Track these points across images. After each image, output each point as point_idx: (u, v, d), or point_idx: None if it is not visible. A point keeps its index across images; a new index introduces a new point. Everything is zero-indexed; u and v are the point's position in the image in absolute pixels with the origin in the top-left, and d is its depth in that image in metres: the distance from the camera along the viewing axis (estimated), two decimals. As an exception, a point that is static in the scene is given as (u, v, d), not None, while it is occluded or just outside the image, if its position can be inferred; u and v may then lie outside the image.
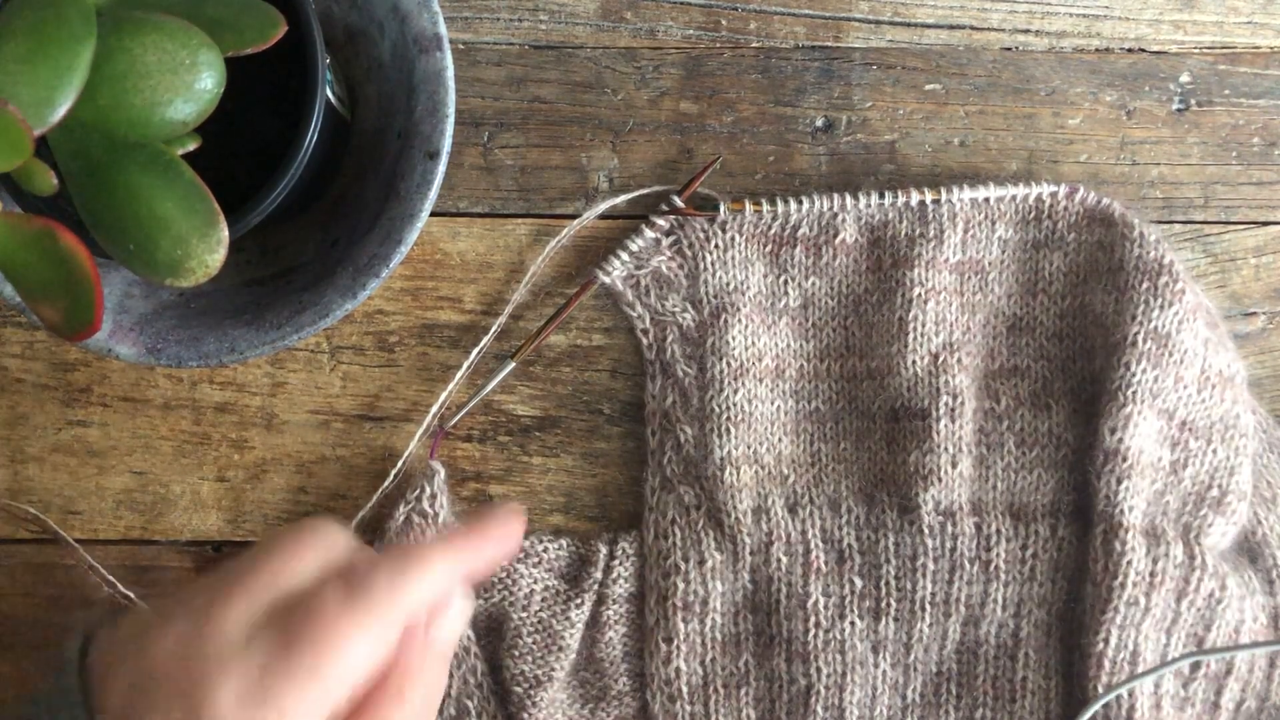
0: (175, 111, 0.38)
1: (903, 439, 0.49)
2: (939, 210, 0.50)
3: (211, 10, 0.39)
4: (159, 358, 0.47)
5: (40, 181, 0.37)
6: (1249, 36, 0.52)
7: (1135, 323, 0.47)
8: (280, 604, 0.36)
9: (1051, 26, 0.52)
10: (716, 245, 0.50)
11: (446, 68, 0.48)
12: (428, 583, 0.37)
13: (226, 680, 0.34)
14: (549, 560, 0.50)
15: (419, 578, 0.37)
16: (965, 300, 0.50)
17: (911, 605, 0.48)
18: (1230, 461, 0.48)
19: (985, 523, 0.48)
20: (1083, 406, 0.49)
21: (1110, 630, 0.46)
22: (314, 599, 0.35)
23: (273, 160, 0.43)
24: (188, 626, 0.35)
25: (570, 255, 0.52)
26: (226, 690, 0.34)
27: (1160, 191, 0.52)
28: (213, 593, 0.36)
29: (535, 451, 0.51)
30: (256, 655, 0.34)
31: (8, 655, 0.51)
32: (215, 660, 0.34)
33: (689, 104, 0.52)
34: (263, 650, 0.34)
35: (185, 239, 0.38)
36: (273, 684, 0.34)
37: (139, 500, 0.51)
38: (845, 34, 0.52)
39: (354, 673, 0.35)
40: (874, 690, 0.48)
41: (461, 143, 0.52)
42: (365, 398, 0.51)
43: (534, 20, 0.52)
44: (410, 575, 0.36)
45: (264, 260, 0.51)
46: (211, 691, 0.33)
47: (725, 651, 0.49)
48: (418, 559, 0.37)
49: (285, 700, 0.34)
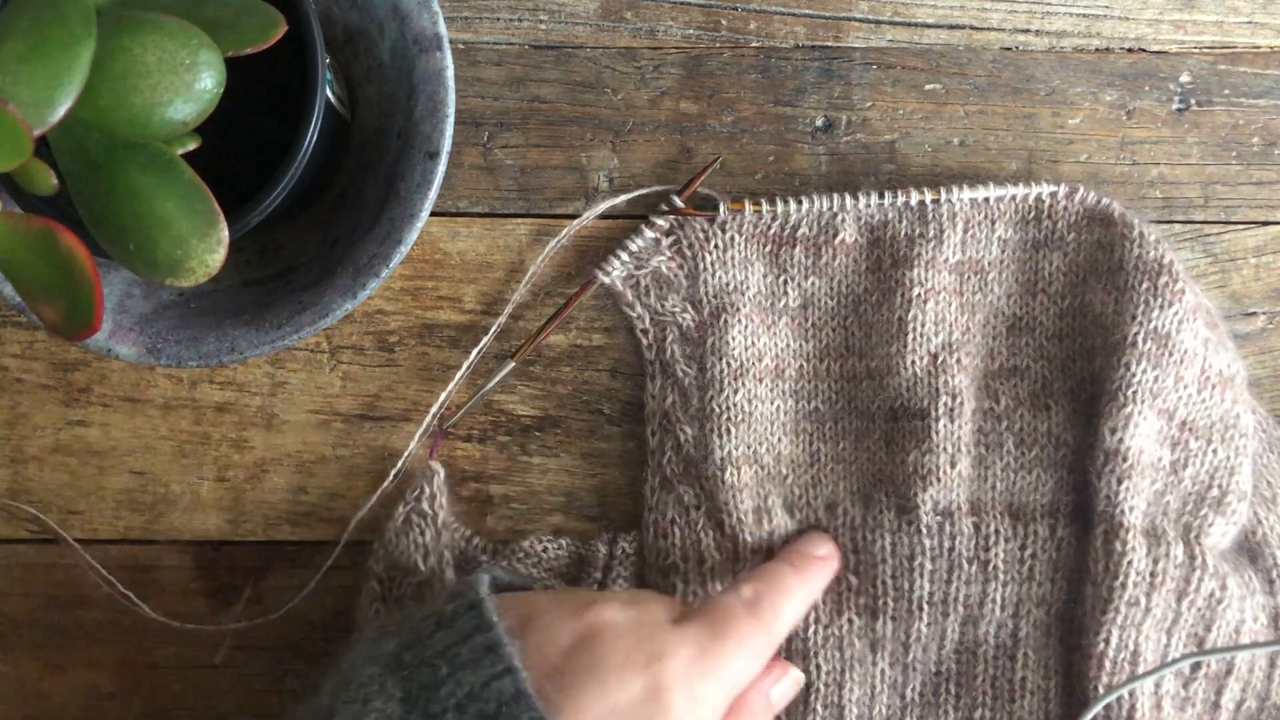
0: (175, 111, 0.38)
1: (902, 439, 0.49)
2: (938, 210, 0.50)
3: (211, 10, 0.39)
4: (159, 358, 0.47)
5: (40, 181, 0.37)
6: (1249, 36, 0.52)
7: (1135, 323, 0.47)
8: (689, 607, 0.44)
9: (1051, 26, 0.52)
10: (716, 245, 0.50)
11: (446, 68, 0.48)
12: (793, 608, 0.45)
13: (679, 649, 0.41)
14: (548, 561, 0.50)
15: (787, 603, 0.45)
16: (965, 300, 0.50)
17: (909, 605, 0.48)
18: (1230, 461, 0.48)
19: (984, 523, 0.48)
20: (1082, 407, 0.49)
21: (1111, 630, 0.46)
22: (724, 605, 0.43)
23: (273, 160, 0.43)
24: (625, 608, 0.42)
25: (570, 255, 0.52)
26: (680, 657, 0.41)
27: (1160, 191, 0.52)
28: (635, 592, 0.46)
29: (535, 451, 0.52)
30: (692, 636, 0.42)
31: (8, 655, 0.51)
32: (670, 633, 0.42)
33: (689, 104, 0.52)
34: (697, 633, 0.42)
35: (185, 239, 0.38)
36: (710, 660, 0.41)
37: (139, 500, 0.51)
38: (845, 34, 0.52)
39: (757, 664, 0.43)
40: (873, 689, 0.48)
41: (461, 143, 0.52)
42: (365, 398, 0.51)
43: (534, 20, 0.52)
44: (782, 598, 0.45)
45: (264, 260, 0.51)
46: (671, 657, 0.41)
47: (725, 651, 0.49)
48: (783, 586, 0.45)
49: (718, 672, 0.41)
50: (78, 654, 0.51)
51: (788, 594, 0.45)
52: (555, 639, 0.41)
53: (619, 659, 0.40)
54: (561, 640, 0.41)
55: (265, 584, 0.51)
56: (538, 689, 0.39)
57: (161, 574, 0.51)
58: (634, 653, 0.41)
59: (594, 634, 0.41)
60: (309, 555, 0.51)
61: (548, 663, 0.40)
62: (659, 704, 0.40)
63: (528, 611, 0.42)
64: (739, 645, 0.42)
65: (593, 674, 0.40)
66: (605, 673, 0.40)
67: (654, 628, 0.42)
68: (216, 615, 0.51)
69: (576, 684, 0.39)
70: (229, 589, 0.51)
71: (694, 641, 0.42)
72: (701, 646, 0.41)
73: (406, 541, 0.48)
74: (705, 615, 0.43)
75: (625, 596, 0.44)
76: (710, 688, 0.41)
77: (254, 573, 0.51)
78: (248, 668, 0.51)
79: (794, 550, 0.48)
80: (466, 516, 0.51)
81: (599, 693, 0.39)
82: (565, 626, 0.41)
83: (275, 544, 0.51)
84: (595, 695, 0.39)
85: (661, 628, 0.42)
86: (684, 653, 0.41)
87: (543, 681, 0.39)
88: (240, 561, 0.51)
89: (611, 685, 0.40)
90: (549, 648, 0.40)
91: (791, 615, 0.45)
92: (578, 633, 0.41)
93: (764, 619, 0.44)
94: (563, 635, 0.41)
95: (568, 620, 0.41)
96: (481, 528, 0.51)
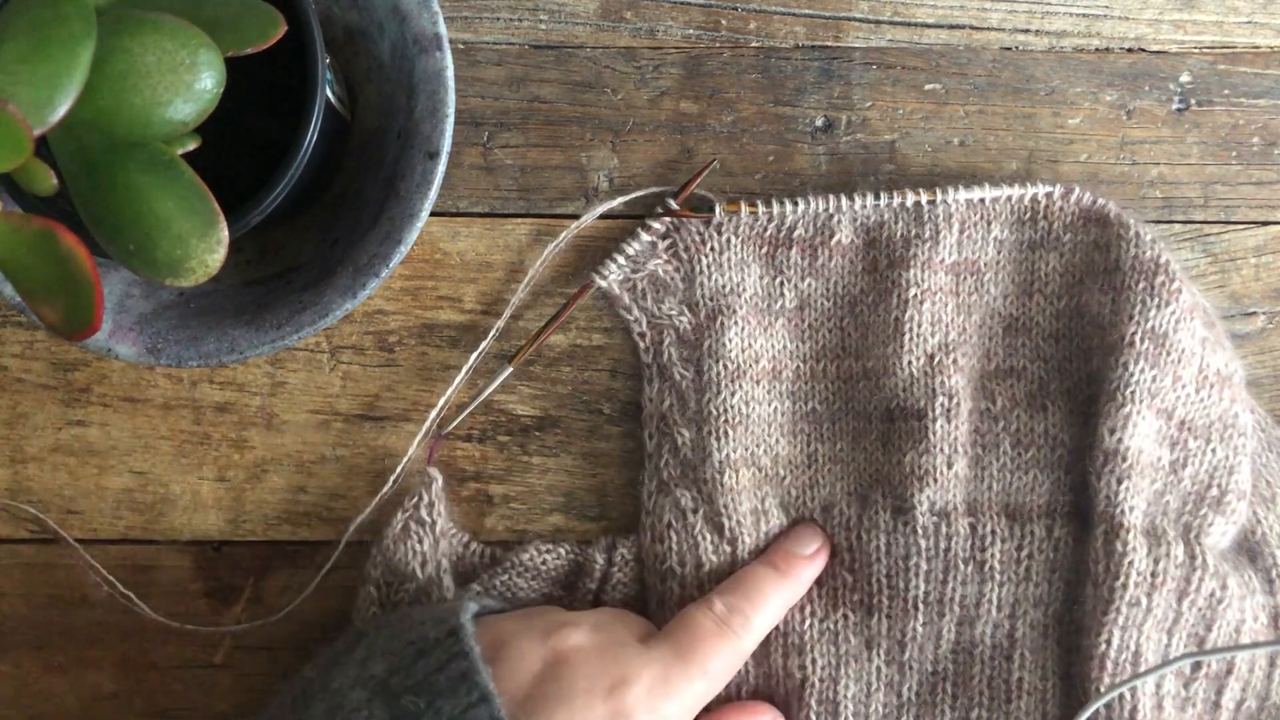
0: (175, 111, 0.38)
1: (898, 439, 0.49)
2: (934, 211, 0.50)
3: (211, 10, 0.39)
4: (159, 358, 0.47)
5: (40, 181, 0.37)
6: (1249, 36, 0.52)
7: (1132, 322, 0.47)
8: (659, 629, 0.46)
9: (1051, 26, 0.52)
10: (712, 247, 0.50)
11: (446, 68, 0.48)
12: (767, 616, 0.46)
13: (642, 672, 0.43)
14: (546, 572, 0.50)
15: (760, 612, 0.46)
16: (961, 301, 0.50)
17: (904, 604, 0.48)
18: (1229, 461, 0.48)
19: (980, 523, 0.48)
20: (1079, 407, 0.49)
21: (1112, 631, 0.46)
22: (692, 623, 0.45)
23: (273, 160, 0.43)
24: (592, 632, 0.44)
25: (570, 255, 0.52)
26: (643, 682, 0.43)
27: (1160, 191, 0.52)
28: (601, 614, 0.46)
29: (535, 451, 0.52)
30: (657, 658, 0.43)
31: (8, 655, 0.51)
32: (634, 657, 0.43)
33: (689, 104, 0.52)
34: (662, 656, 0.44)
35: (185, 239, 0.38)
36: (672, 682, 0.43)
37: (139, 500, 0.51)
38: (845, 34, 0.52)
39: (721, 681, 0.45)
40: (868, 686, 0.48)
41: (461, 143, 0.52)
42: (365, 398, 0.51)
43: (534, 20, 0.52)
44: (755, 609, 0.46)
45: (264, 260, 0.51)
46: (634, 682, 0.42)
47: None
48: (757, 596, 0.46)
49: (680, 693, 0.43)
50: (78, 654, 0.51)
51: (762, 603, 0.46)
52: (526, 666, 0.42)
53: (584, 684, 0.42)
54: (532, 666, 0.42)
55: (265, 584, 0.51)
56: (510, 715, 0.40)
57: (161, 574, 0.51)
58: (599, 677, 0.42)
59: (561, 660, 0.43)
60: (309, 555, 0.51)
61: (520, 690, 0.42)
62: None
63: (498, 637, 0.43)
64: (702, 667, 0.44)
65: (560, 700, 0.41)
66: (572, 698, 0.42)
67: (619, 650, 0.43)
68: (216, 615, 0.51)
69: (546, 710, 0.41)
70: (229, 589, 0.51)
71: (659, 662, 0.43)
72: (666, 667, 0.43)
73: (404, 549, 0.48)
74: (672, 635, 0.45)
75: (594, 619, 0.45)
76: (672, 708, 0.43)
77: (254, 573, 0.51)
78: (248, 668, 0.51)
79: (781, 549, 0.48)
80: (466, 517, 0.51)
81: (565, 717, 0.41)
82: (535, 654, 0.43)
83: (275, 544, 0.51)
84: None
85: (627, 649, 0.44)
86: (647, 676, 0.43)
87: (515, 708, 0.41)
88: (240, 561, 0.51)
89: (578, 710, 0.41)
90: (520, 675, 0.42)
91: (765, 623, 0.46)
92: (546, 659, 0.43)
93: (732, 635, 0.45)
94: (533, 661, 0.43)
95: (536, 647, 0.43)
96: (481, 528, 0.51)
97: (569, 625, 0.44)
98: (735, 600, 0.46)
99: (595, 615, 0.46)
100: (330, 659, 0.45)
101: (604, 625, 0.45)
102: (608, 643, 0.44)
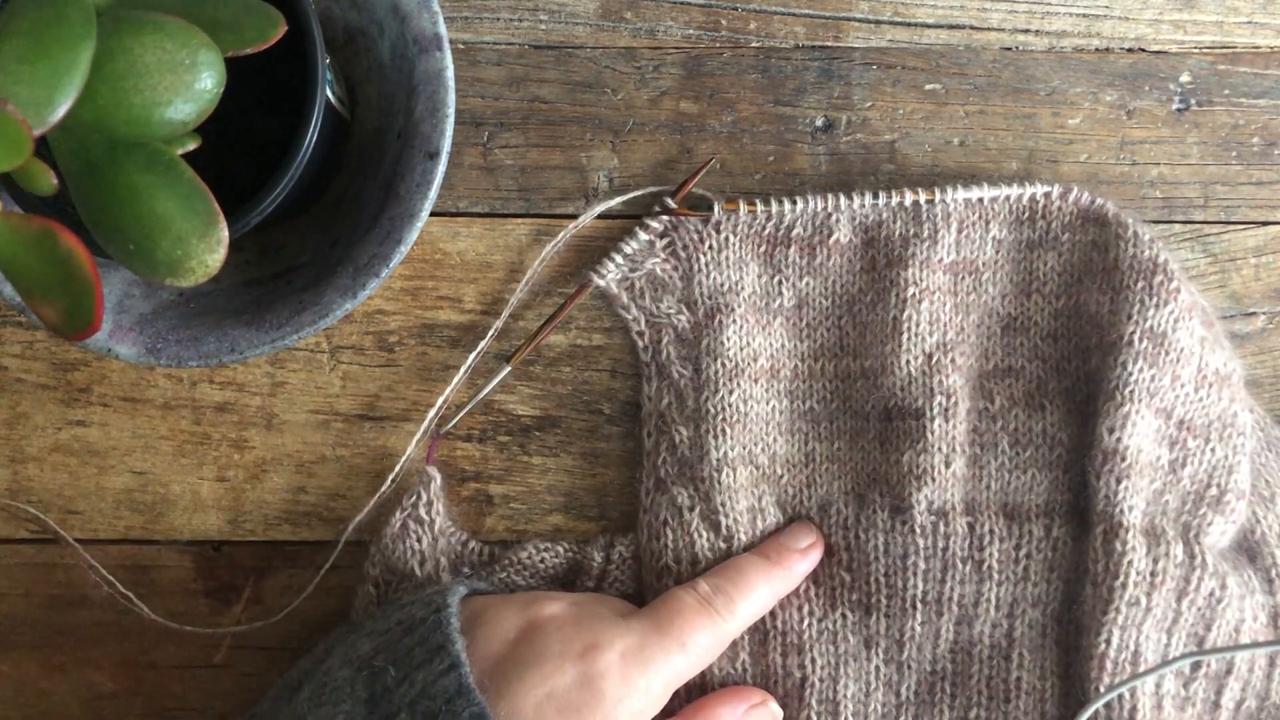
0: (175, 111, 0.38)
1: (896, 439, 0.49)
2: (933, 210, 0.50)
3: (211, 10, 0.39)
4: (159, 358, 0.47)
5: (40, 181, 0.37)
6: (1249, 36, 0.52)
7: (1131, 322, 0.47)
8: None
9: (1051, 26, 0.52)
10: (711, 246, 0.50)
11: (446, 68, 0.48)
12: (753, 602, 0.46)
13: (617, 640, 0.42)
14: (543, 570, 0.50)
15: (746, 597, 0.45)
16: (959, 300, 0.50)
17: (902, 603, 0.48)
18: (1228, 460, 0.48)
19: (978, 523, 0.48)
20: (1077, 407, 0.49)
21: (1112, 631, 0.46)
22: (674, 599, 0.45)
23: (273, 160, 0.43)
24: (571, 604, 0.44)
25: (570, 255, 0.52)
26: (616, 648, 0.42)
27: (1160, 191, 0.52)
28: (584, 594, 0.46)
29: (535, 451, 0.52)
30: (635, 629, 0.43)
31: (8, 655, 0.51)
32: (610, 625, 0.43)
33: (689, 104, 0.52)
34: (640, 627, 0.43)
35: (185, 239, 0.38)
36: (647, 651, 0.43)
37: (139, 500, 0.51)
38: (845, 34, 0.52)
39: (701, 660, 0.44)
40: (868, 685, 0.48)
41: (461, 143, 0.52)
42: (365, 397, 0.52)
43: (534, 20, 0.52)
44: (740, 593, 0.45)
45: (264, 260, 0.51)
46: (607, 647, 0.42)
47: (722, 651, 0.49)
48: (743, 581, 0.46)
49: (655, 664, 0.43)
50: (78, 654, 0.51)
51: (748, 589, 0.46)
52: (501, 633, 0.42)
53: (557, 648, 0.42)
54: (506, 634, 0.42)
55: (265, 584, 0.51)
56: (480, 682, 0.40)
57: (161, 574, 0.51)
58: (572, 642, 0.42)
59: (536, 627, 0.42)
60: (309, 555, 0.51)
61: (492, 655, 0.41)
62: (591, 690, 0.41)
63: (479, 609, 0.43)
64: (679, 641, 0.43)
65: (531, 664, 0.41)
66: (544, 661, 0.41)
67: (596, 619, 0.43)
68: (216, 615, 0.51)
69: (517, 672, 0.41)
70: (229, 589, 0.51)
71: (636, 632, 0.43)
72: (642, 637, 0.43)
73: (403, 547, 0.49)
74: (653, 609, 0.44)
75: (577, 596, 0.45)
76: (646, 678, 0.42)
77: (254, 573, 0.51)
78: (248, 668, 0.51)
79: (774, 542, 0.48)
80: (466, 517, 0.51)
81: (537, 679, 0.41)
82: (510, 622, 0.43)
83: (275, 544, 0.51)
84: (533, 681, 0.41)
85: (605, 619, 0.43)
86: (621, 643, 0.42)
87: (485, 674, 0.41)
88: (240, 561, 0.51)
89: (549, 672, 0.41)
90: (495, 641, 0.42)
91: (750, 610, 0.46)
92: (520, 627, 0.42)
93: (715, 614, 0.45)
94: (508, 629, 0.42)
95: (514, 615, 0.43)
96: (481, 528, 0.51)
97: (550, 598, 0.44)
98: (720, 582, 0.46)
99: (578, 595, 0.46)
100: (325, 648, 0.45)
101: (584, 601, 0.45)
102: (585, 613, 0.43)
